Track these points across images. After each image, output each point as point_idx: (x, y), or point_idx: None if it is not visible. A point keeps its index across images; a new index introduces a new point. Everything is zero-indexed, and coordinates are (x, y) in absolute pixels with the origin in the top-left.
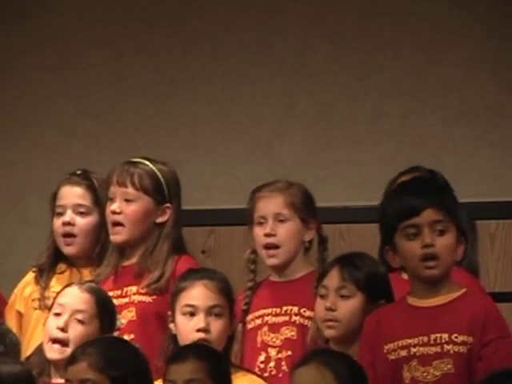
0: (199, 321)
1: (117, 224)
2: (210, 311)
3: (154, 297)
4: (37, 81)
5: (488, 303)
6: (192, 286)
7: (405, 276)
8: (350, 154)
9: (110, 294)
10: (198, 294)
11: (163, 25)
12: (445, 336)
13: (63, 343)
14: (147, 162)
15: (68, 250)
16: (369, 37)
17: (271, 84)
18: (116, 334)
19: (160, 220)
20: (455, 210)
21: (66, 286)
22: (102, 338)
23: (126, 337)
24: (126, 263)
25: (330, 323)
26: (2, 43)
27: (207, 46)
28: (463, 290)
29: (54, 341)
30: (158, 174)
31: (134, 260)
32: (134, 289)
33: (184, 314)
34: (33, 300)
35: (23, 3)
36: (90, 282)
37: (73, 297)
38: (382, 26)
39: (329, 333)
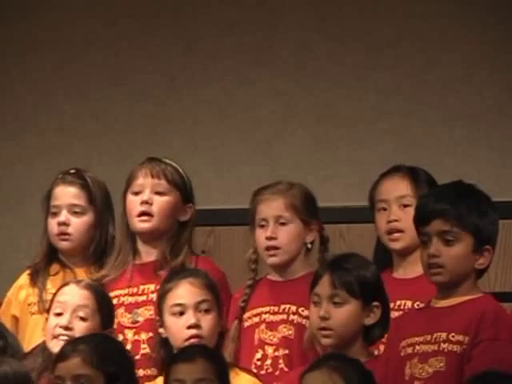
0: (189, 317)
1: (146, 214)
2: (198, 307)
3: None
4: (37, 81)
5: (490, 305)
6: (177, 285)
7: (396, 275)
8: (350, 153)
9: (124, 291)
10: (184, 292)
11: (163, 25)
12: (443, 335)
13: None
14: (172, 162)
15: (63, 245)
16: (369, 37)
17: (271, 84)
18: (132, 331)
19: (183, 218)
20: (470, 219)
21: (63, 286)
22: (92, 334)
23: (143, 335)
24: (144, 260)
25: (324, 332)
26: (2, 43)
27: (207, 46)
28: (479, 295)
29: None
30: (182, 172)
31: (151, 258)
32: (151, 287)
33: (173, 313)
34: (29, 304)
35: (23, 3)
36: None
37: (73, 294)
38: (382, 26)
39: (325, 341)
